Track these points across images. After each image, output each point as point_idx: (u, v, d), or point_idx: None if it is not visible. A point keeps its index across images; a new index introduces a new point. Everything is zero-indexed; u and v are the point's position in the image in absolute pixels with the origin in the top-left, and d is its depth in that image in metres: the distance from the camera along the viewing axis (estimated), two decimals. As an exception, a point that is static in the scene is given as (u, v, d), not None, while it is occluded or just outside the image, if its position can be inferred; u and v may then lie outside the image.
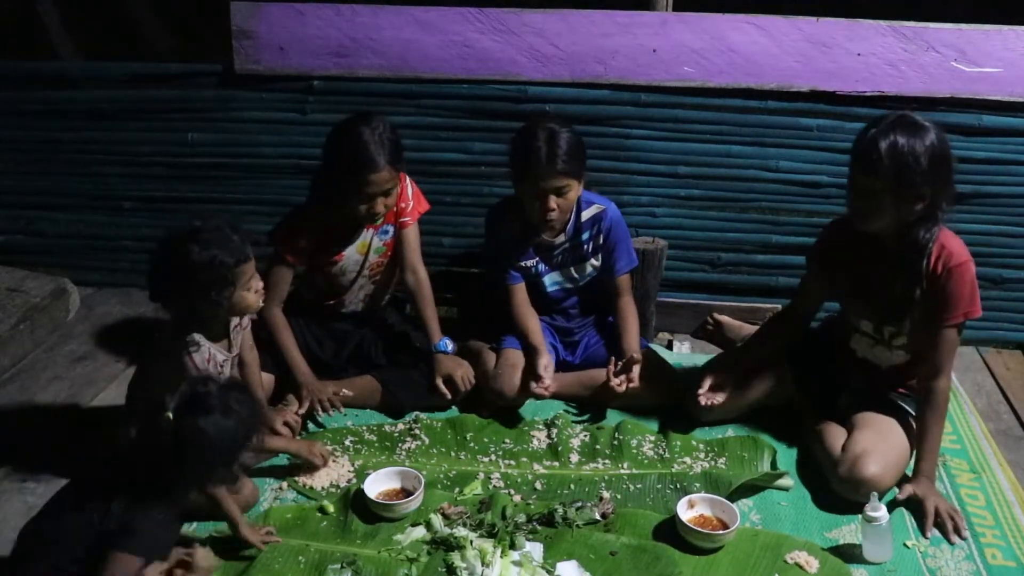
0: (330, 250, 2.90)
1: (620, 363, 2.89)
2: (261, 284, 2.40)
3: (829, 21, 3.18)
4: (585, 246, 2.99)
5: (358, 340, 3.06)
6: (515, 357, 2.94)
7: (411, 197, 2.99)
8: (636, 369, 2.85)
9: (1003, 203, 3.35)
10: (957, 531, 2.40)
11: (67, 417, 2.97)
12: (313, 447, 2.64)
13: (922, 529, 2.43)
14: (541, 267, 3.01)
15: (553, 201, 2.78)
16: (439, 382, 2.91)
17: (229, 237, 2.28)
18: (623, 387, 2.83)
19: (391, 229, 2.99)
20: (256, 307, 2.42)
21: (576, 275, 3.04)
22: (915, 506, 2.47)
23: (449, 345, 2.98)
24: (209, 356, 2.36)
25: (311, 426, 2.88)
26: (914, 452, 2.55)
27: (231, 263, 2.27)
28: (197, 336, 2.34)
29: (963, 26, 3.14)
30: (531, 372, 2.86)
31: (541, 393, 2.81)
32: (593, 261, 3.02)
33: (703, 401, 2.74)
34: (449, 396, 2.92)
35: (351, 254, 2.94)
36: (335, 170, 2.78)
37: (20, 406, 3.01)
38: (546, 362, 2.87)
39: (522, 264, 2.99)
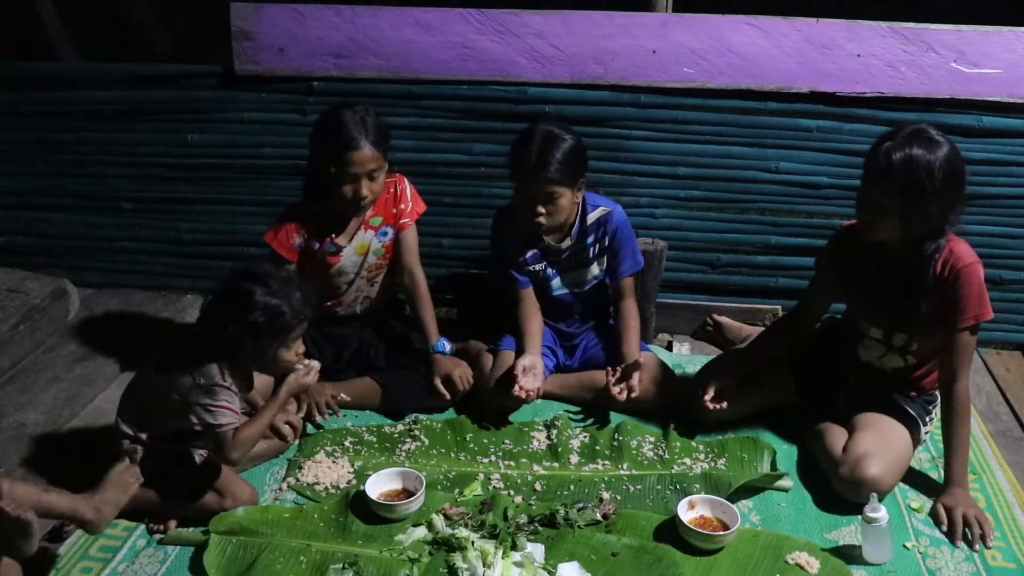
0: (325, 247, 2.90)
1: (620, 370, 2.87)
2: (303, 348, 2.50)
3: (829, 22, 3.19)
4: (591, 249, 2.97)
5: (357, 343, 3.06)
6: (512, 359, 2.93)
7: (410, 199, 2.99)
8: (636, 376, 2.83)
9: (1003, 204, 3.35)
10: (983, 539, 2.38)
11: (67, 417, 2.97)
12: (283, 418, 2.60)
13: (951, 539, 2.41)
14: (549, 271, 3.00)
15: (541, 207, 2.76)
16: (438, 382, 2.91)
17: (293, 293, 2.37)
18: (624, 395, 2.81)
19: (390, 231, 2.99)
20: (291, 367, 2.49)
21: (582, 279, 3.02)
22: (946, 517, 2.45)
23: (447, 346, 2.98)
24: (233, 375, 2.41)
25: (309, 428, 2.88)
26: (915, 451, 2.56)
27: (288, 318, 2.34)
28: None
29: (963, 27, 3.15)
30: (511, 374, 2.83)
31: (519, 396, 2.77)
32: (598, 264, 3.01)
33: (711, 407, 2.74)
34: (448, 396, 2.92)
35: (349, 255, 2.94)
36: (319, 155, 2.78)
37: (20, 406, 3.00)
38: (527, 363, 2.83)
39: (529, 268, 2.99)
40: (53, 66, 3.72)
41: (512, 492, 2.58)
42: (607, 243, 2.97)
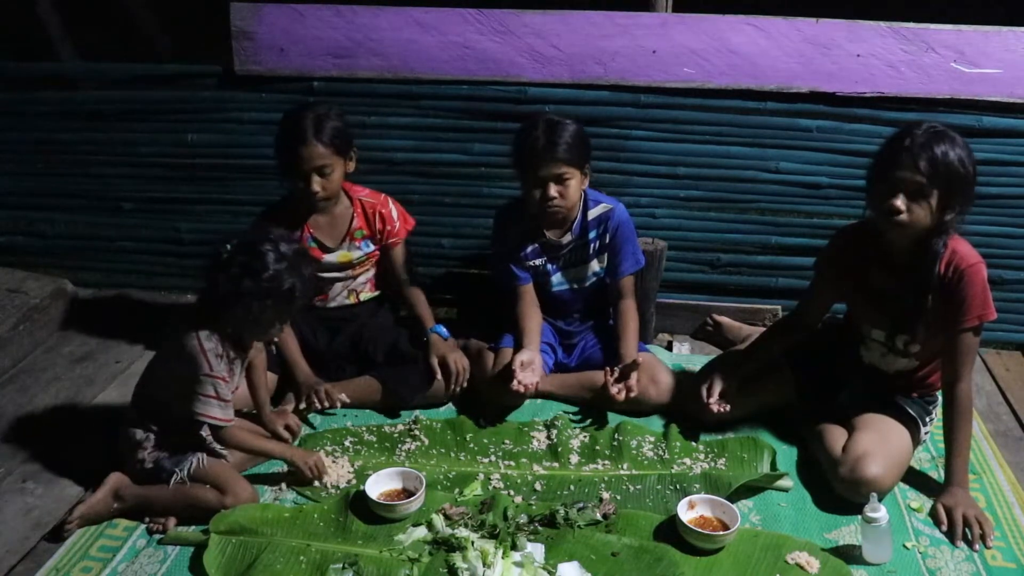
0: (304, 243, 2.94)
1: (618, 370, 2.86)
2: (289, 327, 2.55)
3: (829, 22, 3.19)
4: (591, 245, 2.97)
5: (355, 332, 3.07)
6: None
7: (396, 219, 3.05)
8: (634, 376, 2.83)
9: (1003, 204, 3.35)
10: (983, 539, 2.38)
11: (67, 417, 2.97)
12: (309, 457, 2.60)
13: (951, 539, 2.41)
14: (549, 267, 3.00)
15: (554, 189, 2.77)
16: (434, 361, 2.91)
17: (306, 266, 2.41)
18: (622, 396, 2.81)
19: (372, 245, 3.04)
20: (270, 340, 2.55)
21: (582, 275, 3.03)
22: (946, 517, 2.45)
23: (444, 330, 3.00)
24: (222, 351, 2.41)
25: (306, 429, 2.87)
26: (915, 451, 2.55)
27: (292, 290, 2.36)
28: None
29: (963, 27, 3.15)
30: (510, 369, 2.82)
31: (517, 389, 2.76)
32: (599, 261, 3.01)
33: (715, 410, 2.74)
34: (440, 377, 2.91)
35: (332, 261, 2.99)
36: (276, 149, 2.85)
37: (20, 406, 3.01)
38: (525, 358, 2.82)
39: (529, 264, 2.99)
40: (53, 66, 3.73)
41: (512, 492, 2.58)
42: (608, 240, 2.97)
